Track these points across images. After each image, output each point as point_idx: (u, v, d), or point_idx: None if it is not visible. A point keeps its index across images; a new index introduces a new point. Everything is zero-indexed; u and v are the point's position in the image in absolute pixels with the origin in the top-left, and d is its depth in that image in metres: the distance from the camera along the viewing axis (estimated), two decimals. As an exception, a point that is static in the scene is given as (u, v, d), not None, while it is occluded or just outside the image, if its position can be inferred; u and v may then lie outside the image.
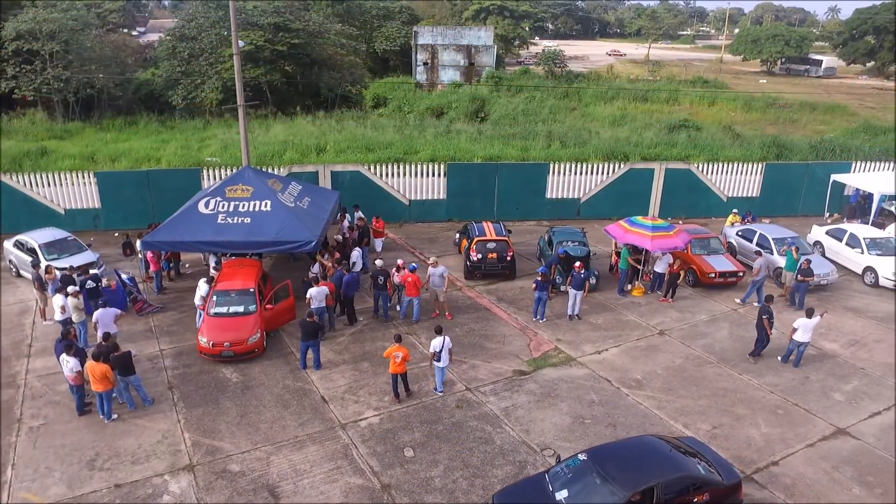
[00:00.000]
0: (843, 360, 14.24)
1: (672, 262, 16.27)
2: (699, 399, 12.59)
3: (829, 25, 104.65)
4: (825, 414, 12.26)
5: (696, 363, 13.87)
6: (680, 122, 41.45)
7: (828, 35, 78.91)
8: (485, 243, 16.99)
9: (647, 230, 15.92)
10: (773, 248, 17.88)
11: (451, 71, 56.98)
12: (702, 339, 14.87)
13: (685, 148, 31.05)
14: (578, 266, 15.00)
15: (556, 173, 21.73)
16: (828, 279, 17.30)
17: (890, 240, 18.56)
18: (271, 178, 16.96)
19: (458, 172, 21.34)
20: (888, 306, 17.03)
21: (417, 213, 21.36)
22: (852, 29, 64.37)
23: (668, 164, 22.64)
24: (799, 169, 23.74)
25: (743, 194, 23.29)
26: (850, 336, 15.32)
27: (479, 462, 10.77)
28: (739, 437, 11.50)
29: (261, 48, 33.74)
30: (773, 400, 12.65)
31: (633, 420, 11.89)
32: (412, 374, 12.86)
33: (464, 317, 15.62)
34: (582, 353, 14.12)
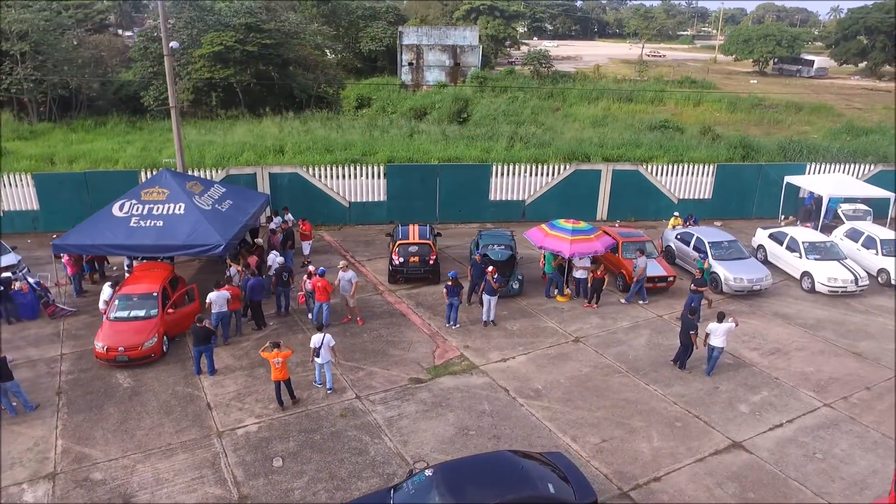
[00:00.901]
0: (759, 369, 13.59)
1: (595, 267, 15.70)
2: (596, 410, 12.04)
3: (831, 25, 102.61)
4: (725, 426, 11.66)
5: (604, 372, 13.31)
6: (660, 122, 40.78)
7: (826, 35, 77.28)
8: (407, 247, 16.52)
9: (567, 234, 15.34)
10: (709, 252, 17.23)
11: (436, 71, 56.46)
12: (617, 347, 14.30)
13: (650, 149, 30.37)
14: (491, 271, 14.48)
15: (499, 175, 21.19)
16: (761, 284, 16.62)
17: (830, 244, 17.85)
18: (191, 180, 16.62)
19: (398, 174, 20.87)
20: (821, 312, 16.33)
21: (358, 215, 20.93)
22: (844, 29, 62.85)
23: (615, 165, 21.99)
24: (752, 170, 22.97)
25: (695, 196, 22.58)
26: (774, 344, 14.66)
27: (346, 474, 10.33)
28: (627, 452, 10.94)
29: (231, 49, 33.53)
30: (675, 412, 12.07)
31: (520, 432, 11.37)
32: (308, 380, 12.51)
33: (376, 322, 15.17)
34: (487, 361, 13.61)
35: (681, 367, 13.39)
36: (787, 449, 11.13)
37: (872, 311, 16.51)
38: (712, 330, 13.05)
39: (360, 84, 59.02)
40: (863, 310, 16.61)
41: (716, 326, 13.04)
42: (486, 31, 67.91)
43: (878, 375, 13.52)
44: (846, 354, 14.34)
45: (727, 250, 17.32)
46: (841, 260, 17.35)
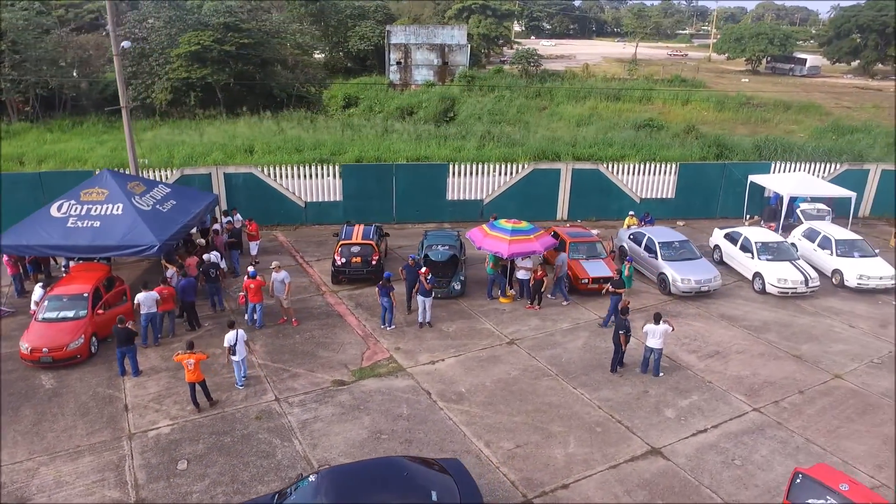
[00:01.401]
0: (693, 372, 13.23)
1: (535, 268, 15.38)
2: (517, 415, 11.74)
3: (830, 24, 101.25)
4: (646, 432, 11.33)
5: (532, 375, 13.00)
6: (645, 121, 40.32)
7: (821, 33, 76.34)
8: (349, 247, 16.26)
9: (506, 234, 15.03)
10: (658, 252, 16.86)
11: (424, 70, 56.16)
12: (551, 350, 13.97)
13: (622, 148, 29.99)
14: (424, 272, 14.20)
15: (456, 174, 20.88)
16: (709, 285, 16.23)
17: (783, 245, 17.42)
18: (134, 181, 16.43)
19: (354, 174, 20.61)
20: (769, 314, 15.93)
21: (314, 215, 20.69)
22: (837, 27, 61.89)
23: (575, 164, 21.61)
24: (715, 169, 22.53)
25: (657, 195, 22.18)
26: (714, 346, 14.28)
27: (248, 477, 10.10)
28: (540, 458, 10.64)
29: (208, 48, 33.40)
30: (597, 416, 11.75)
31: (434, 437, 11.09)
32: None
33: (312, 323, 14.92)
34: (415, 363, 13.33)
35: (612, 371, 13.07)
36: (707, 455, 10.80)
37: (821, 313, 16.10)
38: (649, 331, 12.74)
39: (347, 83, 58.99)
40: (812, 311, 16.19)
41: (653, 328, 12.71)
42: (478, 30, 67.58)
43: (815, 379, 13.14)
44: (786, 357, 13.95)
45: (678, 251, 16.93)
46: (793, 260, 16.93)
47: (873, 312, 16.28)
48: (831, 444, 11.17)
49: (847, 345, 14.60)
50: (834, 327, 15.42)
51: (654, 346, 12.75)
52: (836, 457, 10.85)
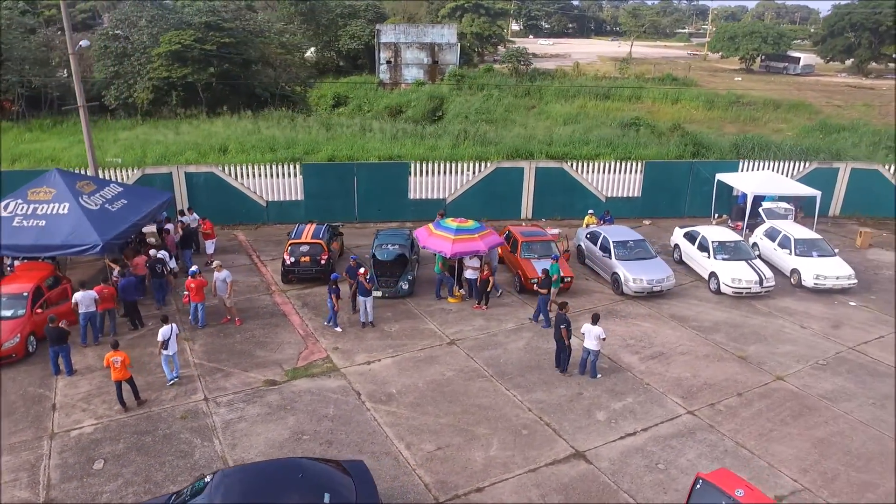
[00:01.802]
0: (633, 374, 12.96)
1: (481, 267, 15.16)
2: (444, 416, 11.53)
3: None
4: (573, 435, 11.09)
5: (467, 376, 12.78)
6: (631, 120, 39.94)
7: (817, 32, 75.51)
8: (298, 246, 16.10)
9: (450, 233, 14.82)
10: (612, 251, 16.58)
11: (414, 69, 56.00)
12: (492, 350, 13.73)
13: (598, 146, 29.63)
14: (363, 272, 14.01)
15: (417, 174, 20.67)
16: (662, 285, 15.93)
17: (740, 244, 17.09)
18: (84, 180, 16.34)
19: (315, 173, 20.44)
20: (721, 314, 15.61)
21: (276, 214, 20.54)
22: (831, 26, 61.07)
23: (538, 162, 21.36)
24: (682, 168, 22.19)
25: (623, 194, 21.87)
26: (659, 348, 14.00)
27: (162, 477, 9.96)
28: (459, 460, 10.43)
29: (188, 48, 33.32)
30: (526, 419, 11.51)
31: (355, 438, 10.91)
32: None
33: (255, 322, 14.77)
34: (351, 364, 13.15)
35: (562, 370, 12.84)
36: (631, 459, 10.55)
37: (775, 314, 15.76)
38: (585, 331, 12.49)
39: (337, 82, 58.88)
40: (765, 312, 15.86)
41: (589, 328, 12.46)
42: (471, 29, 67.34)
43: (756, 380, 12.84)
44: (731, 359, 13.65)
45: (632, 250, 16.64)
46: (749, 260, 16.61)
47: (827, 313, 15.94)
48: (760, 448, 10.90)
49: (795, 346, 14.28)
50: (785, 328, 15.10)
51: (590, 348, 12.49)
52: (764, 460, 10.59)
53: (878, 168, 22.86)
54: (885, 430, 11.44)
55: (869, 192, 22.93)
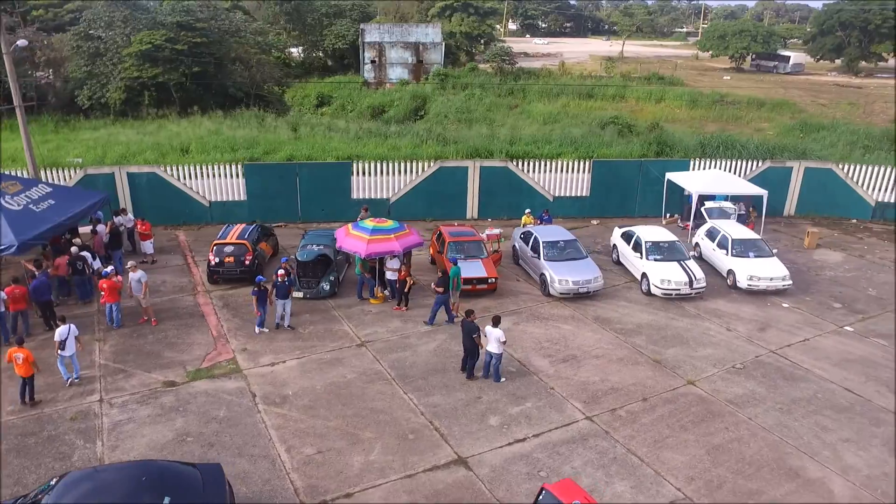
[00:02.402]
0: (540, 378, 12.58)
1: (400, 268, 14.84)
2: (333, 420, 11.23)
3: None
4: (461, 440, 10.75)
5: (367, 379, 12.47)
6: (609, 119, 39.42)
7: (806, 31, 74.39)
8: (222, 247, 15.85)
9: (366, 234, 14.51)
10: (542, 252, 16.20)
11: (399, 69, 55.63)
12: (401, 353, 13.40)
13: (560, 146, 29.16)
14: (281, 275, 13.73)
15: (360, 173, 20.37)
16: (588, 287, 15.51)
17: (674, 244, 16.61)
18: (9, 180, 16.21)
19: (257, 173, 20.19)
20: (647, 316, 15.15)
21: (219, 214, 20.30)
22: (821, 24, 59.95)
23: (483, 162, 20.99)
24: (631, 167, 21.71)
25: (571, 193, 21.44)
26: (573, 351, 13.60)
27: (34, 480, 9.70)
28: (336, 465, 10.14)
29: (159, 47, 33.22)
30: (417, 423, 11.18)
31: (238, 440, 10.64)
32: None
33: (171, 323, 14.53)
34: (255, 365, 12.89)
35: (468, 376, 12.48)
36: (514, 466, 10.20)
37: (703, 316, 15.29)
38: (487, 334, 12.16)
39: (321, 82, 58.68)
40: (693, 314, 15.40)
41: (489, 331, 12.12)
42: (460, 28, 66.85)
43: (665, 385, 12.42)
44: (645, 363, 13.23)
45: (563, 250, 16.23)
46: (682, 261, 16.14)
47: (757, 315, 15.44)
48: (651, 455, 10.51)
49: (716, 349, 13.84)
50: (710, 331, 14.64)
51: (492, 351, 12.14)
52: (652, 468, 10.20)
53: (832, 167, 22.26)
54: (784, 437, 11.02)
55: (824, 191, 22.34)
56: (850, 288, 17.20)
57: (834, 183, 22.29)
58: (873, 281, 17.72)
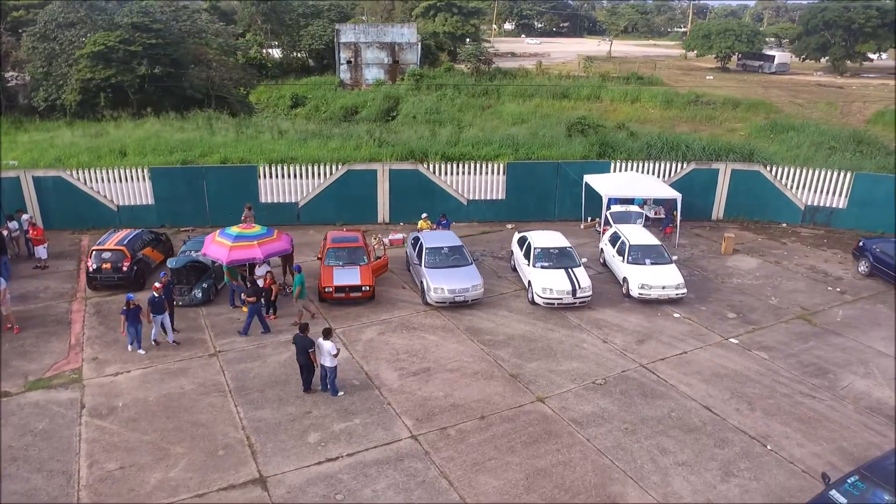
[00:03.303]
0: (381, 392, 11.93)
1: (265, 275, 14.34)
2: (151, 433, 10.74)
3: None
4: (270, 458, 10.19)
5: (203, 391, 11.94)
6: (577, 119, 38.55)
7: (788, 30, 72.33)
8: (100, 253, 15.45)
9: (229, 240, 14.00)
10: (423, 258, 15.58)
11: (375, 69, 55.09)
12: (249, 363, 12.83)
13: (501, 147, 28.40)
14: (156, 288, 13.13)
15: (267, 176, 19.88)
16: (465, 296, 14.80)
17: (566, 250, 15.84)
18: None
19: (163, 177, 19.76)
20: (523, 327, 14.37)
21: (128, 219, 19.82)
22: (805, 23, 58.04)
23: (391, 164, 20.35)
24: (548, 169, 20.90)
25: (486, 197, 20.67)
26: (430, 364, 12.88)
27: None
28: (132, 482, 9.64)
29: (113, 49, 33.09)
30: (233, 438, 10.63)
31: (46, 454, 10.18)
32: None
33: (35, 330, 14.09)
34: (98, 375, 12.44)
35: (305, 390, 11.90)
36: (313, 488, 9.61)
37: (584, 326, 14.53)
38: (318, 346, 11.61)
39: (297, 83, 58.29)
40: (574, 324, 14.64)
41: (321, 344, 11.51)
42: (444, 28, 66.14)
43: (512, 402, 11.72)
44: (501, 377, 12.54)
45: (446, 257, 15.56)
46: (571, 268, 15.38)
47: (642, 325, 14.62)
48: (464, 479, 9.84)
49: (582, 363, 13.10)
50: (584, 343, 13.90)
51: (325, 365, 11.58)
52: (459, 493, 9.54)
53: (759, 169, 21.25)
54: (617, 460, 10.31)
55: (752, 194, 21.33)
56: (753, 296, 16.34)
57: (763, 186, 21.27)
58: (780, 289, 16.83)
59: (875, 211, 20.67)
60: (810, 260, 18.89)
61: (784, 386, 12.48)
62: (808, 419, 11.49)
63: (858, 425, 11.38)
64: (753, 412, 11.64)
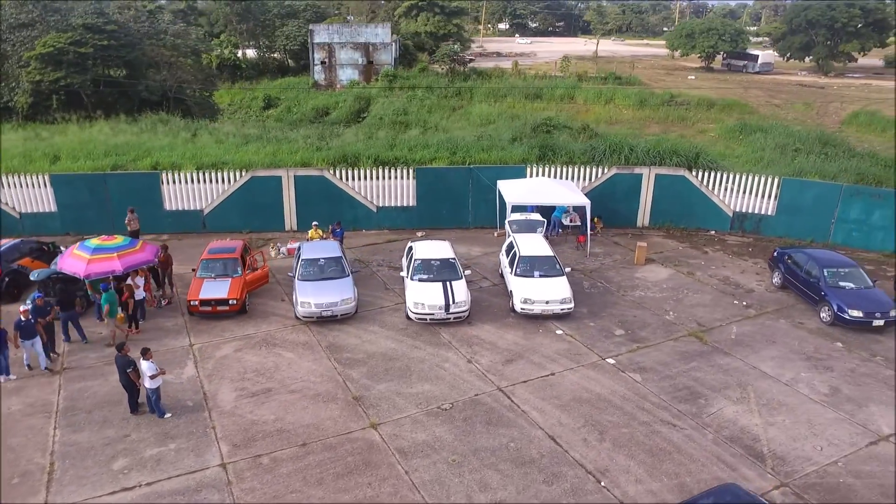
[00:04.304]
0: (210, 415, 11.20)
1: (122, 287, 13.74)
2: (-48, 458, 10.26)
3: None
4: (65, 487, 9.54)
5: (29, 412, 11.31)
6: (542, 120, 37.66)
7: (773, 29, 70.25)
8: (-32, 262, 15.01)
9: (87, 252, 13.44)
10: (298, 270, 14.87)
11: (349, 70, 54.44)
12: (89, 382, 12.21)
13: (438, 150, 27.62)
14: (24, 311, 12.35)
15: (170, 182, 19.30)
16: (334, 310, 14.06)
17: (448, 261, 14.94)
18: None
19: (65, 184, 19.17)
20: (389, 343, 13.58)
21: (31, 226, 19.19)
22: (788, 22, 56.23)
23: (297, 170, 19.62)
24: (460, 174, 20.02)
25: (396, 203, 19.85)
26: (273, 384, 12.12)
27: None
28: None
29: (63, 51, 32.77)
30: (36, 465, 10.01)
31: None
32: None
33: None
34: (-73, 393, 12.00)
35: (132, 411, 11.27)
36: (94, 521, 9.07)
37: (452, 344, 13.64)
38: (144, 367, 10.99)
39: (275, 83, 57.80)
40: (444, 342, 13.78)
41: (140, 364, 10.95)
42: (425, 28, 65.34)
43: (342, 428, 10.95)
44: (343, 400, 11.75)
45: (322, 269, 14.84)
46: (450, 281, 14.53)
47: (518, 343, 13.73)
48: (255, 514, 9.24)
49: (436, 385, 12.28)
50: (447, 362, 13.06)
51: (146, 386, 10.99)
52: (243, 531, 8.94)
53: (685, 174, 20.20)
54: (430, 496, 9.48)
55: (680, 200, 20.29)
56: (650, 311, 15.40)
57: (689, 192, 20.25)
58: (682, 303, 15.86)
59: (805, 218, 19.62)
60: (726, 271, 17.90)
61: (646, 413, 11.62)
62: (659, 451, 10.63)
63: (710, 458, 10.50)
64: (602, 443, 10.80)
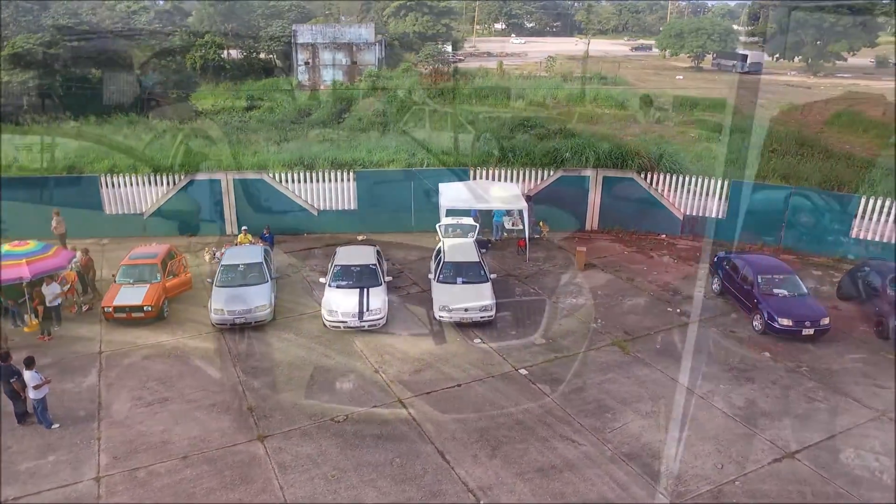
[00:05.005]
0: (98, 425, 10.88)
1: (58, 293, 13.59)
2: None
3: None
4: (-73, 502, 9.40)
5: (-84, 420, 11.22)
6: (521, 120, 37.18)
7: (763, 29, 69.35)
8: None
9: (-7, 258, 13.25)
10: (216, 276, 14.58)
11: (332, 70, 54.21)
12: None
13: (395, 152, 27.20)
14: None
15: (109, 186, 19.04)
16: (247, 317, 13.69)
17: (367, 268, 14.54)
18: None
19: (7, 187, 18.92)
20: (299, 352, 13.21)
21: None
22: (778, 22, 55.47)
23: (236, 174, 19.29)
24: (399, 176, 19.66)
25: (337, 207, 19.54)
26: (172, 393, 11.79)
27: None
28: None
29: (31, 52, 32.74)
30: None
31: None
32: None
33: None
34: None
35: (19, 422, 10.98)
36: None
37: (364, 353, 13.14)
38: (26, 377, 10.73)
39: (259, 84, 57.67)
40: (356, 351, 13.32)
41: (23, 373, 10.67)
42: (414, 28, 65.09)
43: (230, 440, 10.60)
44: (236, 410, 11.36)
45: (242, 275, 14.49)
46: (368, 287, 14.12)
47: (432, 353, 13.26)
48: (112, 532, 8.93)
49: (334, 396, 11.82)
50: (353, 372, 12.62)
51: (31, 396, 10.70)
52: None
53: (633, 176, 19.70)
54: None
55: (628, 202, 19.79)
56: (578, 319, 14.90)
57: (639, 194, 19.79)
58: (613, 311, 15.38)
59: (755, 221, 19.10)
60: (668, 276, 17.40)
61: (546, 427, 11.18)
62: (549, 468, 10.20)
63: (602, 477, 10.06)
64: (492, 459, 10.38)
